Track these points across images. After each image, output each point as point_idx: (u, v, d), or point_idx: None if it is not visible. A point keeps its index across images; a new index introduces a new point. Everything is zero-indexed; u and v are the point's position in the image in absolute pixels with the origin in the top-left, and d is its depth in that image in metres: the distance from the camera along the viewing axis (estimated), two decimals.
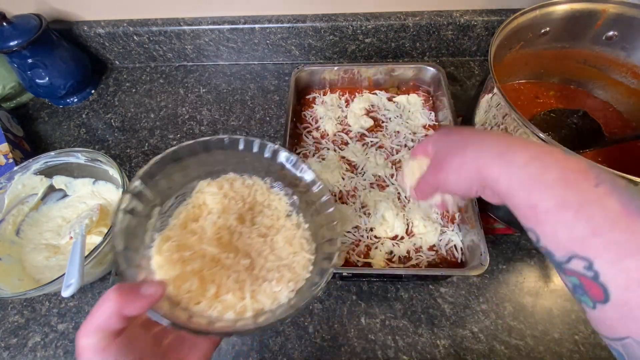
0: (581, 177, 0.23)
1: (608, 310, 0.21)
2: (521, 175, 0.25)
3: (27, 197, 0.53)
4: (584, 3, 0.48)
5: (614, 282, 0.21)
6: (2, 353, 0.48)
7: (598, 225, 0.21)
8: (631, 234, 0.20)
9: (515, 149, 0.26)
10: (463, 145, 0.29)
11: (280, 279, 0.35)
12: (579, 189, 0.22)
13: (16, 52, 0.61)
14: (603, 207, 0.21)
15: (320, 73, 0.64)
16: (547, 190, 0.23)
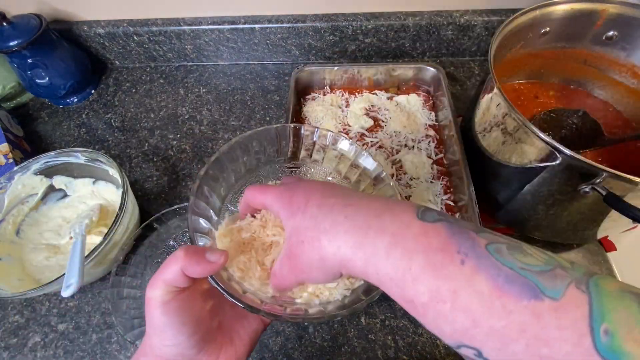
0: (446, 258, 0.21)
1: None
2: (387, 269, 0.23)
3: (27, 197, 0.53)
4: (584, 3, 0.48)
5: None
6: (2, 353, 0.48)
7: (476, 315, 0.20)
8: (507, 315, 0.19)
9: (372, 235, 0.23)
10: (316, 238, 0.25)
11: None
12: (448, 276, 0.21)
13: (16, 52, 0.61)
14: (474, 290, 0.20)
15: (320, 73, 0.64)
16: (417, 284, 0.22)
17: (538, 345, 0.19)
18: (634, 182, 0.33)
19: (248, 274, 0.32)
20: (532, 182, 0.43)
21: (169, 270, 0.25)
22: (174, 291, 0.26)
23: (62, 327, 0.49)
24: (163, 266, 0.25)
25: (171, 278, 0.25)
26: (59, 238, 0.53)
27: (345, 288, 0.32)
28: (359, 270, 0.24)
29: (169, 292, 0.25)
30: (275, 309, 0.29)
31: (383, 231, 0.23)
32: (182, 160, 0.64)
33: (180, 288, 0.26)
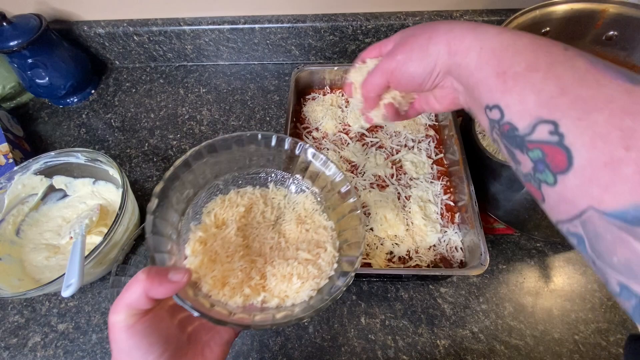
0: (551, 43, 0.23)
1: (570, 180, 0.20)
2: (494, 43, 0.25)
3: (27, 197, 0.53)
4: (584, 3, 0.48)
5: (579, 141, 0.19)
6: (2, 353, 0.48)
7: (566, 84, 0.20)
8: (598, 87, 0.19)
9: (485, 26, 0.26)
10: (432, 27, 0.28)
11: (304, 274, 0.35)
12: (549, 52, 0.23)
13: (16, 52, 0.61)
14: (572, 66, 0.21)
15: (320, 73, 0.64)
16: (517, 55, 0.23)
17: (622, 115, 0.18)
18: None
19: (217, 285, 0.33)
20: None
21: (131, 293, 0.24)
22: (137, 314, 0.25)
23: (62, 327, 0.49)
24: (125, 289, 0.25)
25: (134, 301, 0.24)
26: (59, 238, 0.53)
27: (311, 289, 0.34)
28: (464, 47, 0.26)
29: (132, 315, 0.25)
30: (243, 319, 0.29)
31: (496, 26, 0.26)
32: None
33: (144, 310, 0.25)
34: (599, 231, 0.19)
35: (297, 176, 0.44)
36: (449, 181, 0.54)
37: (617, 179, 0.18)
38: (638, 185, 0.17)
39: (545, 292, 0.49)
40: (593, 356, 0.44)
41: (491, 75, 0.24)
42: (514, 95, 0.23)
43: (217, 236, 0.38)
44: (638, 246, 0.17)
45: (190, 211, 0.39)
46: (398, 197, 0.52)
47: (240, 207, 0.42)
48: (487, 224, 0.54)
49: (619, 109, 0.18)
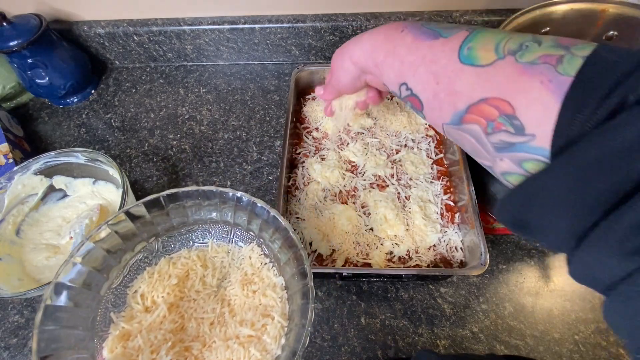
0: (394, 31, 0.33)
1: (427, 113, 0.31)
2: (367, 46, 0.36)
3: (27, 197, 0.53)
4: (584, 3, 0.48)
5: (418, 90, 0.31)
6: (2, 353, 0.48)
7: (403, 56, 0.31)
8: (417, 51, 0.30)
9: (362, 35, 0.37)
10: (340, 53, 0.41)
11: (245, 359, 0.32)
12: (393, 38, 0.33)
13: (16, 52, 0.61)
14: (403, 43, 0.32)
15: (320, 73, 0.64)
16: (379, 49, 0.35)
17: (430, 64, 0.29)
18: None
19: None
20: None
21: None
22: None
23: None
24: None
25: None
26: (59, 238, 0.53)
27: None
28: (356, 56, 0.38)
29: None
30: None
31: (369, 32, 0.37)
32: (182, 160, 0.64)
33: None
34: (453, 135, 0.29)
35: (240, 225, 0.40)
36: (449, 181, 0.54)
37: (441, 102, 0.29)
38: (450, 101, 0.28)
39: (545, 292, 0.49)
40: (593, 356, 0.44)
41: (373, 67, 0.36)
42: (385, 76, 0.35)
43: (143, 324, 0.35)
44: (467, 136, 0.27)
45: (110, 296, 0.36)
46: (398, 197, 0.52)
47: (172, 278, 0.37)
48: (487, 224, 0.54)
49: (429, 61, 0.29)
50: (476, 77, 0.25)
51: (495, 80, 0.24)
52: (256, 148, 0.64)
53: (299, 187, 0.54)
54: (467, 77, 0.26)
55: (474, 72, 0.25)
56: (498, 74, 0.24)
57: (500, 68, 0.24)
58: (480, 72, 0.25)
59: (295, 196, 0.53)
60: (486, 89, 0.25)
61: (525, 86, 0.23)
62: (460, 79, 0.26)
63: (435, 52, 0.29)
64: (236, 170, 0.62)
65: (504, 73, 0.24)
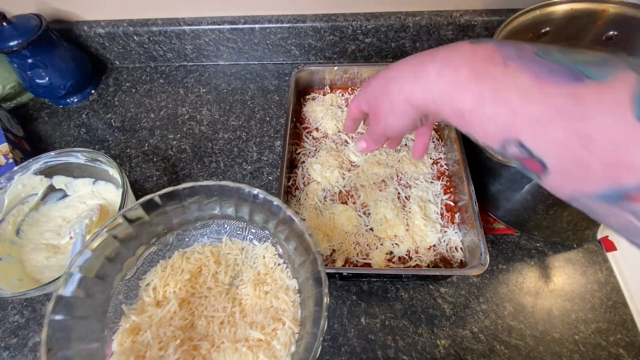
0: (490, 65, 0.23)
1: (552, 180, 0.22)
2: (439, 87, 0.26)
3: (27, 197, 0.53)
4: (584, 3, 0.48)
5: (545, 154, 0.21)
6: (2, 353, 0.48)
7: (516, 106, 0.21)
8: (546, 101, 0.20)
9: (425, 64, 0.27)
10: (385, 86, 0.31)
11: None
12: (490, 77, 0.23)
13: (16, 52, 0.61)
14: (516, 86, 0.22)
15: (320, 73, 0.64)
16: (463, 92, 0.24)
17: (574, 122, 0.19)
18: None
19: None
20: (532, 182, 0.43)
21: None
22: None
23: None
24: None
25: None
26: (59, 238, 0.53)
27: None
28: (420, 101, 0.28)
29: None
30: None
31: (434, 60, 0.26)
32: (182, 160, 0.64)
33: None
34: (592, 207, 0.21)
35: (256, 223, 0.40)
36: (449, 181, 0.54)
37: (588, 172, 0.20)
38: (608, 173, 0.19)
39: (545, 292, 0.49)
40: (593, 356, 0.44)
41: (453, 115, 0.26)
42: (477, 127, 0.24)
43: (153, 319, 0.34)
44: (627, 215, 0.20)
45: (122, 287, 0.36)
46: (398, 197, 0.52)
47: (185, 273, 0.37)
48: (487, 224, 0.54)
49: (570, 117, 0.19)
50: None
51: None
52: (256, 148, 0.64)
53: (299, 187, 0.54)
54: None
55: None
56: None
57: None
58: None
59: (295, 196, 0.53)
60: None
61: None
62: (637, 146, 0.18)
63: (585, 105, 0.19)
64: (236, 170, 0.62)
65: None
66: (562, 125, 0.20)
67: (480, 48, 0.24)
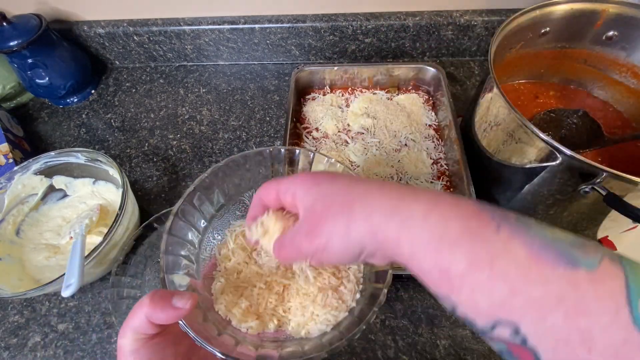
0: (482, 224, 0.21)
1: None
2: (423, 234, 0.21)
3: (27, 197, 0.53)
4: (584, 3, 0.48)
5: (542, 345, 0.19)
6: (2, 353, 0.48)
7: (514, 283, 0.19)
8: (545, 284, 0.18)
9: (408, 201, 0.23)
10: (347, 203, 0.24)
11: (324, 304, 0.33)
12: (484, 240, 0.20)
13: (16, 52, 0.61)
14: (513, 258, 0.19)
15: (320, 73, 0.64)
16: (455, 249, 0.20)
17: (577, 316, 0.18)
18: (634, 182, 0.33)
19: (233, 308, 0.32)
20: (532, 182, 0.43)
21: (135, 317, 0.24)
22: (142, 338, 0.25)
23: (62, 327, 0.49)
24: (131, 313, 0.25)
25: (138, 325, 0.25)
26: (59, 238, 0.53)
27: (328, 323, 0.32)
28: (392, 239, 0.22)
29: (137, 340, 0.25)
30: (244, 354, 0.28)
31: (418, 199, 0.22)
32: (182, 160, 0.64)
33: (150, 334, 0.25)
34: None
35: None
36: (449, 181, 0.54)
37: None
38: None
39: None
40: None
41: (432, 271, 0.22)
42: (464, 294, 0.21)
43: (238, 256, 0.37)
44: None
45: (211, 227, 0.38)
46: None
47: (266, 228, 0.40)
48: None
49: (573, 308, 0.18)
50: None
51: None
52: (256, 148, 0.64)
53: None
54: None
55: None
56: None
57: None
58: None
59: None
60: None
61: None
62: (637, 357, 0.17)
63: (583, 294, 0.18)
64: None
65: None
66: (563, 316, 0.18)
67: (464, 203, 0.22)
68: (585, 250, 0.19)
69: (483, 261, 0.20)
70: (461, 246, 0.20)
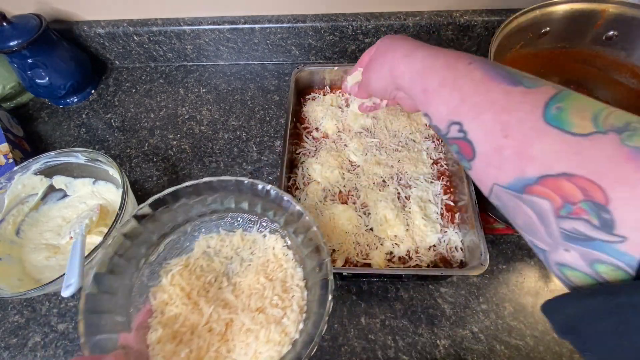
0: (459, 62, 0.29)
1: (477, 165, 0.26)
2: (418, 67, 0.32)
3: (27, 197, 0.53)
4: (584, 3, 0.48)
5: (476, 136, 0.26)
6: (2, 353, 0.48)
7: (465, 94, 0.27)
8: (487, 93, 0.25)
9: (416, 49, 0.33)
10: (384, 50, 0.37)
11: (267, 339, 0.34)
12: (455, 69, 0.28)
13: (16, 52, 0.61)
14: (471, 78, 0.27)
15: (320, 73, 0.64)
16: (434, 74, 0.30)
17: (501, 114, 0.24)
18: None
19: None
20: None
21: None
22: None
23: (62, 327, 0.49)
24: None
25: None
26: (59, 238, 0.53)
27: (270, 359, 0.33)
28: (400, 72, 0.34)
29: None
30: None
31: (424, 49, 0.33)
32: (182, 160, 0.64)
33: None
34: (504, 201, 0.25)
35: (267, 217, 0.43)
36: (449, 181, 0.54)
37: (503, 160, 0.24)
38: (517, 162, 0.23)
39: (545, 292, 0.49)
40: None
41: (419, 92, 0.32)
42: (432, 106, 0.30)
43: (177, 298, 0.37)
44: (527, 209, 0.23)
45: (146, 271, 0.38)
46: (398, 197, 0.52)
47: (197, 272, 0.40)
48: (487, 224, 0.54)
49: (500, 108, 0.25)
50: (564, 145, 0.21)
51: (590, 156, 0.20)
52: (256, 148, 0.64)
53: (299, 187, 0.54)
54: (551, 141, 0.22)
55: (560, 139, 0.21)
56: (595, 150, 0.20)
57: (600, 144, 0.20)
58: (570, 140, 0.21)
59: (296, 196, 0.53)
60: (574, 164, 0.20)
61: (629, 176, 0.19)
62: (541, 141, 0.22)
63: (512, 100, 0.24)
64: (236, 170, 0.62)
65: (604, 152, 0.20)
66: (492, 114, 0.25)
67: (458, 52, 0.30)
68: (535, 79, 0.25)
69: (448, 81, 0.28)
70: (439, 72, 0.29)
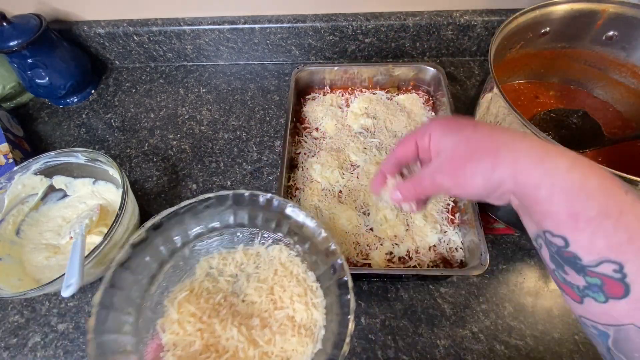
0: (614, 187, 0.24)
1: (620, 304, 0.24)
2: (565, 183, 0.25)
3: (27, 197, 0.53)
4: (584, 3, 0.48)
5: (637, 281, 0.23)
6: (2, 353, 0.48)
7: (633, 232, 0.23)
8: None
9: (553, 154, 0.26)
10: (493, 147, 0.27)
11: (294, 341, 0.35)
12: (617, 198, 0.24)
13: (16, 52, 0.61)
14: (636, 215, 0.24)
15: (320, 73, 0.64)
16: (589, 199, 0.24)
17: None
18: (634, 182, 0.33)
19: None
20: None
21: None
22: None
23: (62, 327, 0.49)
24: None
25: None
26: (59, 238, 0.53)
27: None
28: (533, 183, 0.26)
29: None
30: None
31: (563, 156, 0.26)
32: (182, 160, 0.64)
33: None
34: (630, 337, 0.23)
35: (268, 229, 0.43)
36: None
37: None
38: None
39: (545, 292, 0.49)
40: (593, 356, 0.44)
41: (563, 214, 0.25)
42: (584, 235, 0.24)
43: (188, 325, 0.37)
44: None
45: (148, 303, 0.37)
46: None
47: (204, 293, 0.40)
48: (487, 224, 0.54)
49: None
50: None
51: None
52: (256, 148, 0.64)
53: (299, 187, 0.54)
54: None
55: None
56: None
57: None
58: None
59: (295, 196, 0.53)
60: None
61: None
62: None
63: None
64: (236, 170, 0.62)
65: None
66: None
67: (603, 169, 0.26)
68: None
69: (612, 213, 0.24)
70: (596, 199, 0.24)
